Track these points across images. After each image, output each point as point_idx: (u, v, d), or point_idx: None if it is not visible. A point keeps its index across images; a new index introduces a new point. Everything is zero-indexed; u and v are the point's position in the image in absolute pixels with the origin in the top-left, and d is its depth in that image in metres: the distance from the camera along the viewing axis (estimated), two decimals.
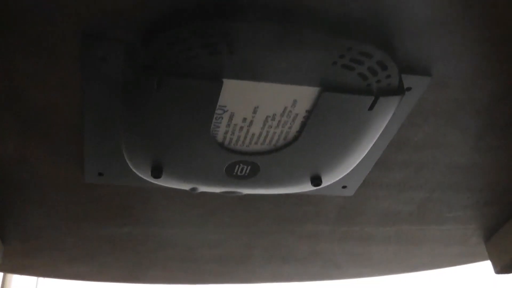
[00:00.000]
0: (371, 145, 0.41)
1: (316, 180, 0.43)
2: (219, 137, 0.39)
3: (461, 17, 0.34)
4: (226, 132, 0.38)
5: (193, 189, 0.44)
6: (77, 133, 0.41)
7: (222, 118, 0.37)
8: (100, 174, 0.46)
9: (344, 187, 0.50)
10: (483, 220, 0.59)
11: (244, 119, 0.37)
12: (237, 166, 0.41)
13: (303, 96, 0.36)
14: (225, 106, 0.36)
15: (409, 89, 0.40)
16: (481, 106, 0.42)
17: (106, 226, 0.53)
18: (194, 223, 0.54)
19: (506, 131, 0.45)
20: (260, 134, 0.39)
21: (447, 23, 0.34)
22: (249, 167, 0.41)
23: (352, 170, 0.45)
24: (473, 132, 0.45)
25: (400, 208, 0.55)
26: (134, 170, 0.42)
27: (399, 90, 0.37)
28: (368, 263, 0.66)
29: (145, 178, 0.42)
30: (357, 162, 0.43)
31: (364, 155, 0.43)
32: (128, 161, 0.41)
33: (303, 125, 0.38)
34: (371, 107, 0.37)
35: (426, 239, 0.62)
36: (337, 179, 0.44)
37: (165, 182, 0.42)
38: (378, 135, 0.40)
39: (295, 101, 0.36)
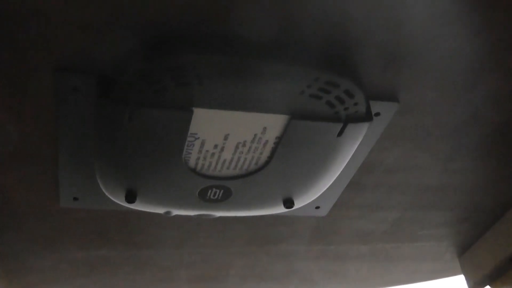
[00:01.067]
0: (341, 169, 0.42)
1: (288, 203, 0.44)
2: (191, 163, 0.39)
3: (424, 48, 0.35)
4: (198, 158, 0.39)
5: (167, 212, 0.44)
6: (52, 161, 0.42)
7: (194, 145, 0.38)
8: (75, 198, 0.46)
9: (317, 207, 0.51)
10: (456, 237, 0.60)
11: (216, 146, 0.38)
12: (209, 191, 0.42)
13: (272, 123, 0.37)
14: (196, 134, 0.37)
15: (377, 114, 0.41)
16: (448, 130, 0.44)
17: (82, 250, 0.53)
18: (170, 244, 0.54)
19: (474, 153, 0.47)
20: (232, 159, 0.39)
21: (410, 54, 0.36)
22: (221, 191, 0.42)
23: (324, 191, 0.46)
24: (442, 155, 0.46)
25: (374, 227, 0.56)
26: (108, 196, 0.42)
27: (367, 117, 0.38)
28: (344, 280, 0.67)
29: (119, 203, 0.42)
30: (328, 185, 0.44)
31: (335, 178, 0.43)
32: (102, 187, 0.41)
33: (274, 150, 0.39)
34: (339, 134, 0.38)
35: (401, 256, 0.63)
36: (309, 201, 0.45)
37: (139, 206, 0.42)
38: (348, 159, 0.41)
39: (265, 128, 0.37)
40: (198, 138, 0.37)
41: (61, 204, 0.46)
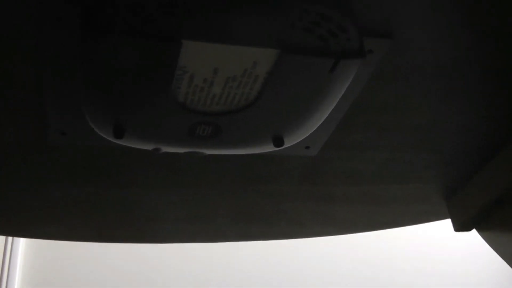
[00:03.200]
0: (332, 107, 0.42)
1: (278, 141, 0.43)
2: (180, 98, 0.39)
3: None
4: (187, 93, 0.38)
5: (156, 149, 0.44)
6: (36, 94, 0.41)
7: (183, 79, 0.37)
8: (63, 133, 0.46)
9: (307, 147, 0.51)
10: (444, 180, 0.60)
11: (205, 80, 0.37)
12: (199, 127, 0.41)
13: (262, 58, 0.36)
14: (185, 67, 0.36)
15: (370, 51, 0.40)
16: (441, 70, 0.43)
17: (71, 187, 0.53)
18: (158, 184, 0.54)
19: (466, 94, 0.46)
20: (221, 95, 0.39)
21: None
22: (211, 128, 0.41)
23: (314, 131, 0.46)
24: (434, 95, 0.46)
25: (362, 168, 0.56)
26: (96, 130, 0.41)
27: (360, 53, 0.37)
28: (332, 222, 0.67)
29: (107, 138, 0.42)
30: (319, 123, 0.43)
31: (325, 117, 0.43)
32: (89, 122, 0.41)
33: (264, 86, 0.38)
34: (331, 70, 0.37)
35: (389, 198, 0.63)
36: (299, 140, 0.45)
37: (127, 142, 0.42)
38: (339, 97, 0.41)
39: (255, 63, 0.36)
40: (187, 72, 0.36)
41: (49, 139, 0.45)
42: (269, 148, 0.45)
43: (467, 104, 0.48)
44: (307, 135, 0.45)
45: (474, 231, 0.65)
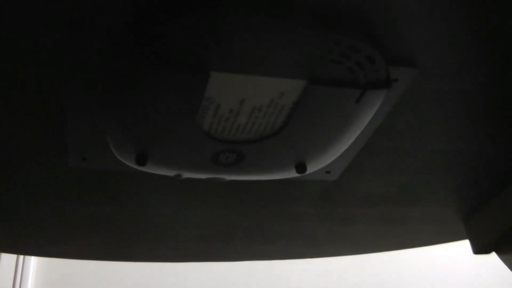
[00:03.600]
0: (356, 135, 0.41)
1: (301, 168, 0.43)
2: (205, 127, 0.38)
3: (448, 9, 0.34)
4: (212, 123, 0.38)
5: (178, 175, 0.43)
6: (59, 120, 0.41)
7: (209, 109, 0.37)
8: (84, 158, 0.45)
9: (328, 172, 0.51)
10: (463, 201, 0.60)
11: (231, 110, 0.37)
12: (222, 154, 0.41)
13: (290, 88, 0.36)
14: (212, 97, 0.36)
15: (395, 80, 0.40)
16: (465, 95, 0.43)
17: (89, 207, 0.53)
18: (177, 204, 0.54)
19: (490, 118, 0.46)
20: (246, 124, 0.38)
21: (434, 16, 0.34)
22: (234, 155, 0.41)
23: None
24: (457, 120, 0.45)
25: (383, 191, 0.55)
26: (118, 157, 0.41)
27: (387, 83, 0.36)
28: (349, 242, 0.67)
29: (129, 164, 0.41)
30: (342, 150, 0.43)
31: (349, 144, 0.43)
32: (112, 148, 0.41)
33: (290, 115, 0.38)
34: (358, 100, 0.37)
35: (407, 219, 0.63)
36: (322, 166, 0.45)
37: (149, 169, 0.42)
38: (364, 126, 0.40)
39: (282, 94, 0.36)
40: (213, 102, 0.36)
41: (70, 164, 0.45)
42: (291, 174, 0.44)
43: (489, 129, 0.47)
44: (330, 161, 0.44)
45: (493, 253, 0.64)
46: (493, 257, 0.66)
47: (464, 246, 0.75)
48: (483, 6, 0.34)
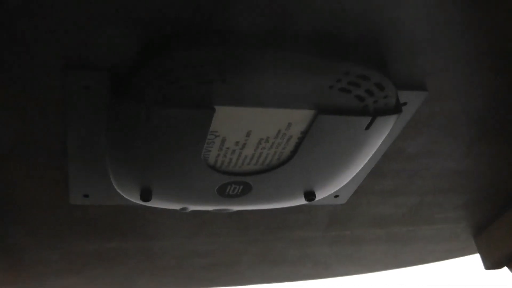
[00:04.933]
0: (366, 161, 0.40)
1: (310, 196, 0.42)
2: (211, 160, 0.37)
3: (455, 33, 0.33)
4: (218, 156, 0.37)
5: (183, 209, 0.42)
6: (61, 158, 0.39)
7: (214, 143, 0.36)
8: (86, 195, 0.44)
9: (336, 196, 0.50)
10: (473, 218, 0.59)
11: (237, 143, 0.36)
12: (229, 186, 0.40)
13: (297, 119, 0.35)
14: (217, 132, 0.35)
15: (404, 104, 0.39)
16: (474, 115, 0.42)
17: (93, 242, 0.52)
18: (183, 235, 0.53)
19: (498, 137, 0.45)
20: (253, 155, 0.37)
21: (441, 39, 0.33)
22: (241, 187, 0.40)
23: None
24: (466, 140, 0.44)
25: (392, 212, 0.54)
26: (122, 194, 0.40)
27: (396, 109, 0.35)
28: (358, 262, 0.66)
29: (133, 201, 0.40)
30: (351, 176, 0.42)
31: (359, 170, 0.42)
32: (115, 185, 0.39)
33: (298, 145, 0.37)
34: (367, 127, 0.36)
35: (416, 238, 0.61)
36: (331, 192, 0.43)
37: (154, 204, 0.40)
38: (374, 151, 0.39)
39: (289, 124, 0.35)
40: (219, 135, 0.35)
41: (71, 202, 0.44)
42: (300, 202, 0.43)
43: (500, 148, 0.46)
44: (339, 187, 0.43)
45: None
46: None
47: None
48: (493, 29, 0.33)
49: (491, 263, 0.62)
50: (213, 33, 0.30)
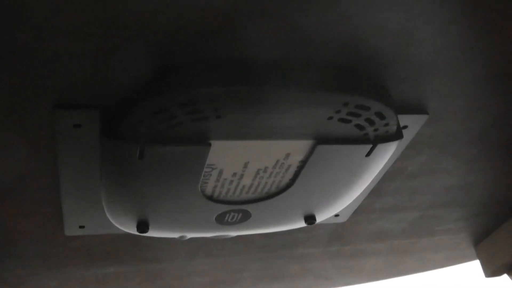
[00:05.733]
0: (366, 185, 0.39)
1: (310, 219, 0.41)
2: (208, 191, 0.36)
3: (458, 58, 0.32)
4: (215, 187, 0.36)
5: (182, 237, 0.42)
6: (53, 192, 0.39)
7: (211, 175, 0.35)
8: (82, 227, 0.43)
9: (336, 215, 0.49)
10: (473, 228, 0.58)
11: (234, 174, 0.35)
12: (227, 215, 0.39)
13: (296, 149, 0.34)
14: (214, 165, 0.34)
15: (405, 127, 0.38)
16: (475, 134, 0.41)
17: (90, 269, 0.51)
18: (183, 257, 0.52)
19: (499, 153, 0.44)
20: (251, 185, 0.37)
21: (444, 64, 0.33)
22: (240, 214, 0.39)
23: None
24: (467, 157, 0.44)
25: (392, 227, 0.54)
26: (118, 226, 0.39)
27: (397, 135, 0.35)
28: (359, 274, 0.65)
29: (129, 232, 0.40)
30: (352, 200, 0.41)
31: (359, 194, 0.41)
32: (110, 219, 0.39)
33: (297, 173, 0.36)
34: (368, 154, 0.35)
35: (417, 249, 0.61)
36: (331, 215, 0.43)
37: (151, 234, 0.40)
38: (374, 176, 0.39)
39: (288, 154, 0.34)
40: (216, 168, 0.34)
41: (66, 233, 0.43)
42: (300, 225, 0.43)
43: (501, 163, 0.46)
44: (339, 210, 0.43)
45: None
46: None
47: None
48: (496, 52, 0.32)
49: (492, 271, 0.62)
50: (207, 70, 0.29)
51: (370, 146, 0.34)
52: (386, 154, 0.36)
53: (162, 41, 0.27)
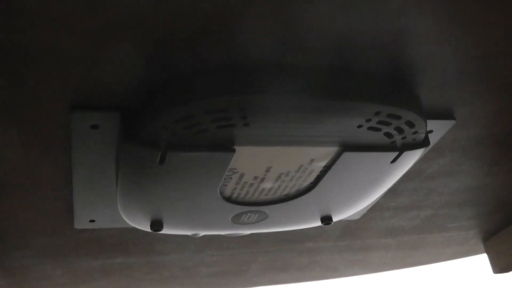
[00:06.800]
0: (387, 189, 0.38)
1: (326, 220, 0.40)
2: (227, 193, 0.35)
3: (488, 66, 0.31)
4: (234, 189, 0.35)
5: (195, 234, 0.41)
6: (66, 189, 0.37)
7: (232, 178, 0.34)
8: (92, 221, 0.42)
9: None
10: (484, 226, 0.58)
11: (255, 177, 0.34)
12: (244, 215, 0.38)
13: (321, 155, 0.33)
14: (236, 168, 0.33)
15: (430, 131, 0.37)
16: (500, 139, 0.40)
17: (97, 260, 0.50)
18: (191, 249, 0.51)
19: None
20: (271, 188, 0.36)
21: (474, 73, 0.31)
22: (256, 215, 0.38)
23: None
24: (487, 160, 0.43)
25: (405, 224, 0.53)
26: (131, 224, 0.38)
27: (424, 142, 0.34)
28: (367, 266, 0.65)
29: (142, 229, 0.39)
30: (371, 202, 0.40)
31: (379, 197, 0.40)
32: (123, 217, 0.37)
33: (319, 178, 0.35)
34: (393, 161, 0.34)
35: (427, 244, 0.60)
36: (348, 216, 0.42)
37: (165, 232, 0.39)
38: (396, 180, 0.38)
39: (312, 160, 0.33)
40: (237, 172, 0.33)
41: (76, 227, 0.42)
42: (316, 224, 0.42)
43: None
44: (356, 212, 0.42)
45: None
46: None
47: None
48: None
49: (500, 268, 0.61)
50: (233, 76, 0.28)
51: (396, 153, 0.33)
52: (411, 160, 0.35)
53: (180, 48, 0.26)
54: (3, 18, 0.22)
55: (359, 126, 0.30)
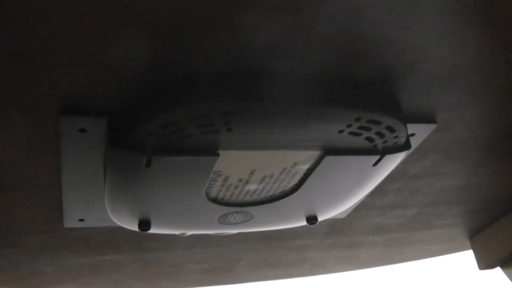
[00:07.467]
0: (371, 190, 0.39)
1: (312, 220, 0.41)
2: (212, 194, 0.36)
3: (469, 73, 0.32)
4: (219, 190, 0.36)
5: (182, 233, 0.41)
6: (56, 189, 0.38)
7: (217, 180, 0.35)
8: (81, 220, 0.43)
9: None
10: (470, 224, 0.59)
11: (240, 180, 0.35)
12: (230, 216, 0.39)
13: (304, 158, 0.34)
14: (220, 171, 0.34)
15: (412, 135, 0.38)
16: (481, 142, 0.41)
17: (87, 257, 0.51)
18: (181, 246, 0.52)
19: (503, 159, 0.44)
20: (256, 189, 0.36)
21: (455, 79, 0.32)
22: (242, 215, 0.39)
23: None
24: (471, 161, 0.44)
25: (391, 222, 0.54)
26: (120, 224, 0.39)
27: (405, 146, 0.34)
28: (354, 263, 0.66)
29: (130, 229, 0.39)
30: (355, 202, 0.41)
31: (362, 197, 0.41)
32: (111, 217, 0.38)
33: (303, 180, 0.36)
34: (375, 164, 0.35)
35: (413, 241, 0.61)
36: (333, 215, 0.43)
37: (152, 231, 0.40)
38: (379, 182, 0.38)
39: (295, 163, 0.34)
40: (222, 174, 0.34)
41: (65, 225, 0.43)
42: (301, 224, 0.43)
43: (504, 167, 0.46)
44: (341, 211, 0.43)
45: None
46: None
47: None
48: (503, 67, 0.32)
49: (486, 264, 0.62)
50: (217, 83, 0.28)
51: (378, 156, 0.34)
52: (393, 163, 0.36)
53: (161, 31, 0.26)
54: None
55: (340, 131, 0.31)
